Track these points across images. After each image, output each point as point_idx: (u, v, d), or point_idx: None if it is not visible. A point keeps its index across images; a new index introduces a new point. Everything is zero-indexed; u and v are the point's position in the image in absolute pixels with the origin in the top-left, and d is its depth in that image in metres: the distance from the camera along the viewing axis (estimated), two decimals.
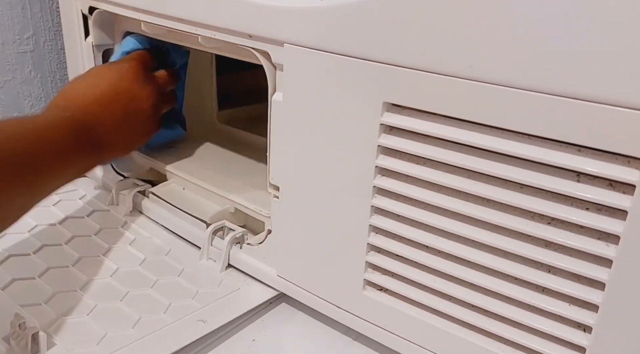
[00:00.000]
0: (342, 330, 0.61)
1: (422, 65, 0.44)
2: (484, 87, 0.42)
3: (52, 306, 0.58)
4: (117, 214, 0.77)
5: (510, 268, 0.45)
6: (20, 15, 0.86)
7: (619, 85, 0.36)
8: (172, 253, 0.70)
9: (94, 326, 0.56)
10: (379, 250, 0.53)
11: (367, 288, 0.55)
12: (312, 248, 0.58)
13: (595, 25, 0.36)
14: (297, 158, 0.56)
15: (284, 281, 0.62)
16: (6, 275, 0.61)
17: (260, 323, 0.62)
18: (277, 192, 0.60)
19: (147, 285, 0.63)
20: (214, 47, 0.65)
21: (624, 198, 0.39)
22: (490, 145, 0.43)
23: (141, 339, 0.55)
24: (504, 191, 0.44)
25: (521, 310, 0.46)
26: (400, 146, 0.48)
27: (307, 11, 0.50)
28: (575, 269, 0.42)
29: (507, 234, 0.45)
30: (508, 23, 0.39)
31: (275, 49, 0.55)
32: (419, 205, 0.49)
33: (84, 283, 0.62)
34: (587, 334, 0.43)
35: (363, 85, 0.48)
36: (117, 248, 0.70)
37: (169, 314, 0.59)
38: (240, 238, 0.68)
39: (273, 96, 0.57)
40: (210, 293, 0.63)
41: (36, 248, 0.67)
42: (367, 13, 0.46)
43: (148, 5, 0.66)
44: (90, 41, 0.77)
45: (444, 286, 0.49)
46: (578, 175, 0.41)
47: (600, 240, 0.41)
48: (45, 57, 0.91)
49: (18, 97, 0.89)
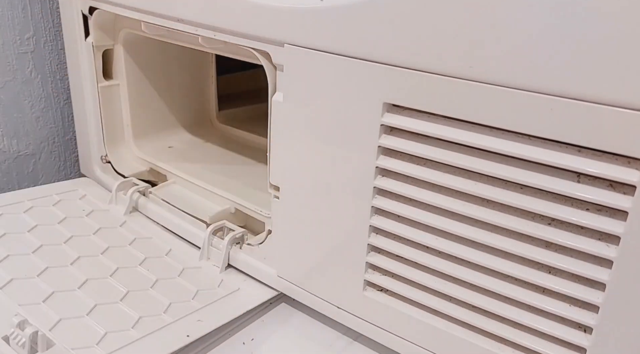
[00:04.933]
0: (342, 330, 0.60)
1: (422, 65, 0.44)
2: (484, 87, 0.42)
3: (52, 306, 0.58)
4: (117, 214, 0.77)
5: (511, 268, 0.45)
6: (21, 15, 0.86)
7: (619, 85, 0.36)
8: (172, 253, 0.70)
9: (93, 325, 0.56)
10: (379, 251, 0.53)
11: (368, 289, 0.55)
12: (313, 249, 0.58)
13: (595, 26, 0.36)
14: (297, 158, 0.56)
15: (284, 281, 0.62)
16: (5, 275, 0.61)
17: (260, 323, 0.62)
18: (277, 192, 0.60)
19: (147, 285, 0.63)
20: (214, 47, 0.65)
21: (625, 199, 0.39)
22: (490, 146, 0.43)
23: (141, 339, 0.55)
24: (504, 192, 0.44)
25: (521, 311, 0.46)
26: (401, 146, 0.48)
27: (307, 11, 0.50)
28: (575, 270, 0.42)
29: (507, 235, 0.45)
30: (508, 23, 0.39)
31: (275, 49, 0.55)
32: (419, 206, 0.49)
33: (84, 282, 0.62)
34: (588, 334, 0.43)
35: (363, 86, 0.48)
36: (116, 247, 0.69)
37: (168, 314, 0.59)
38: (240, 238, 0.68)
39: (273, 96, 0.57)
40: (210, 293, 0.63)
41: (36, 247, 0.67)
42: (366, 13, 0.46)
43: (148, 6, 0.66)
44: (90, 41, 0.77)
45: (444, 286, 0.49)
46: (578, 176, 0.40)
47: (601, 241, 0.41)
48: (45, 57, 0.91)
49: (18, 97, 0.89)
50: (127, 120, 0.83)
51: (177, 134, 0.89)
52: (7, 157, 0.91)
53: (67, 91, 0.95)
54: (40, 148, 0.95)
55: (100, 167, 0.84)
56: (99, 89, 0.79)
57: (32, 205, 0.76)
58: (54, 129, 0.96)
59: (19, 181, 0.94)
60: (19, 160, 0.93)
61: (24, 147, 0.93)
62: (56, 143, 0.97)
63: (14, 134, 0.91)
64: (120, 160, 0.83)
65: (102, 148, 0.83)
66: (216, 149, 0.86)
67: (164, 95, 0.87)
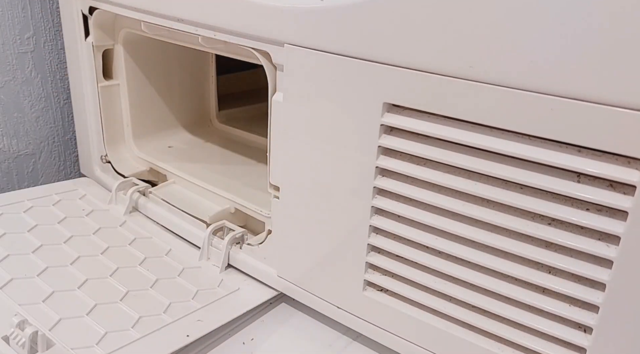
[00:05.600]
0: (342, 330, 0.60)
1: (422, 65, 0.44)
2: (484, 87, 0.42)
3: (52, 306, 0.57)
4: (117, 214, 0.77)
5: (511, 268, 0.45)
6: (21, 15, 0.86)
7: (619, 85, 0.36)
8: (172, 253, 0.70)
9: (93, 325, 0.56)
10: (379, 251, 0.53)
11: (367, 289, 0.55)
12: (313, 249, 0.58)
13: (595, 26, 0.36)
14: (298, 158, 0.56)
15: (284, 281, 0.62)
16: (5, 275, 0.61)
17: (260, 323, 0.62)
18: (277, 192, 0.60)
19: (147, 285, 0.63)
20: (214, 47, 0.65)
21: (625, 199, 0.39)
22: (490, 146, 0.43)
23: (141, 339, 0.55)
24: (504, 192, 0.44)
25: (521, 311, 0.46)
26: (401, 147, 0.48)
27: (307, 11, 0.50)
28: (575, 270, 0.42)
29: (507, 235, 0.45)
30: (508, 24, 0.39)
31: (275, 49, 0.55)
32: (419, 206, 0.49)
33: (83, 282, 0.62)
34: (588, 334, 0.43)
35: (363, 86, 0.48)
36: (116, 247, 0.69)
37: (168, 314, 0.59)
38: (240, 238, 0.68)
39: (273, 96, 0.57)
40: (210, 293, 0.63)
41: (35, 247, 0.67)
42: (366, 13, 0.46)
43: (148, 5, 0.66)
44: (90, 41, 0.77)
45: (444, 286, 0.49)
46: (578, 176, 0.40)
47: (601, 241, 0.41)
48: (45, 57, 0.90)
49: (18, 97, 0.89)
50: (127, 120, 0.83)
51: (177, 134, 0.89)
52: (7, 157, 0.91)
53: (67, 91, 0.95)
54: (40, 148, 0.95)
55: (100, 166, 0.84)
56: (98, 89, 0.79)
57: (32, 205, 0.76)
58: (54, 129, 0.96)
59: (19, 181, 0.94)
60: (19, 159, 0.93)
61: (23, 147, 0.93)
62: (56, 143, 0.97)
63: (14, 134, 0.91)
64: (120, 160, 0.83)
65: (102, 148, 0.83)
66: (216, 149, 0.86)
67: (164, 95, 0.87)
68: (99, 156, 0.84)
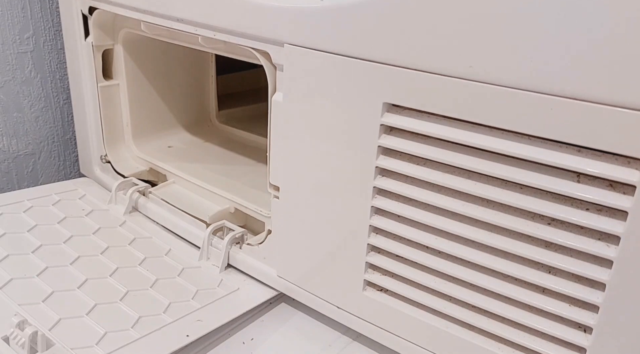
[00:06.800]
0: (342, 330, 0.60)
1: (422, 65, 0.44)
2: (484, 87, 0.42)
3: (51, 306, 0.57)
4: (117, 214, 0.77)
5: (511, 268, 0.45)
6: (20, 15, 0.86)
7: (619, 85, 0.36)
8: (171, 253, 0.70)
9: (93, 325, 0.56)
10: (379, 251, 0.53)
11: (367, 289, 0.55)
12: (312, 249, 0.58)
13: (595, 26, 0.36)
14: (297, 158, 0.56)
15: (284, 281, 0.62)
16: (5, 275, 0.61)
17: (260, 323, 0.62)
18: (277, 192, 0.60)
19: (146, 285, 0.63)
20: (214, 47, 0.65)
21: (625, 199, 0.39)
22: (490, 146, 0.43)
23: (141, 339, 0.55)
24: (504, 192, 0.44)
25: (521, 311, 0.46)
26: (401, 146, 0.48)
27: (307, 11, 0.50)
28: (575, 270, 0.42)
29: (507, 235, 0.45)
30: (508, 23, 0.39)
31: (275, 49, 0.55)
32: (419, 206, 0.49)
33: (83, 282, 0.62)
34: (588, 334, 0.43)
35: (363, 86, 0.48)
36: (116, 247, 0.69)
37: (168, 314, 0.59)
38: (240, 238, 0.68)
39: (273, 96, 0.57)
40: (210, 293, 0.63)
41: (35, 247, 0.67)
42: (366, 13, 0.46)
43: (148, 5, 0.66)
44: (90, 41, 0.77)
45: (443, 286, 0.49)
46: (578, 176, 0.40)
47: (601, 241, 0.41)
48: (45, 57, 0.90)
49: (18, 96, 0.89)
50: (127, 119, 0.83)
51: (176, 134, 0.89)
52: (6, 157, 0.91)
53: (67, 91, 0.95)
54: (40, 148, 0.95)
55: (100, 166, 0.84)
56: (98, 89, 0.79)
57: (31, 205, 0.76)
58: (54, 129, 0.96)
59: (19, 181, 0.94)
60: (19, 159, 0.93)
61: (23, 147, 0.93)
62: (56, 143, 0.97)
63: (14, 134, 0.91)
64: (120, 160, 0.83)
65: (101, 148, 0.83)
66: (216, 149, 0.86)
67: (163, 95, 0.87)
68: (98, 156, 0.84)
